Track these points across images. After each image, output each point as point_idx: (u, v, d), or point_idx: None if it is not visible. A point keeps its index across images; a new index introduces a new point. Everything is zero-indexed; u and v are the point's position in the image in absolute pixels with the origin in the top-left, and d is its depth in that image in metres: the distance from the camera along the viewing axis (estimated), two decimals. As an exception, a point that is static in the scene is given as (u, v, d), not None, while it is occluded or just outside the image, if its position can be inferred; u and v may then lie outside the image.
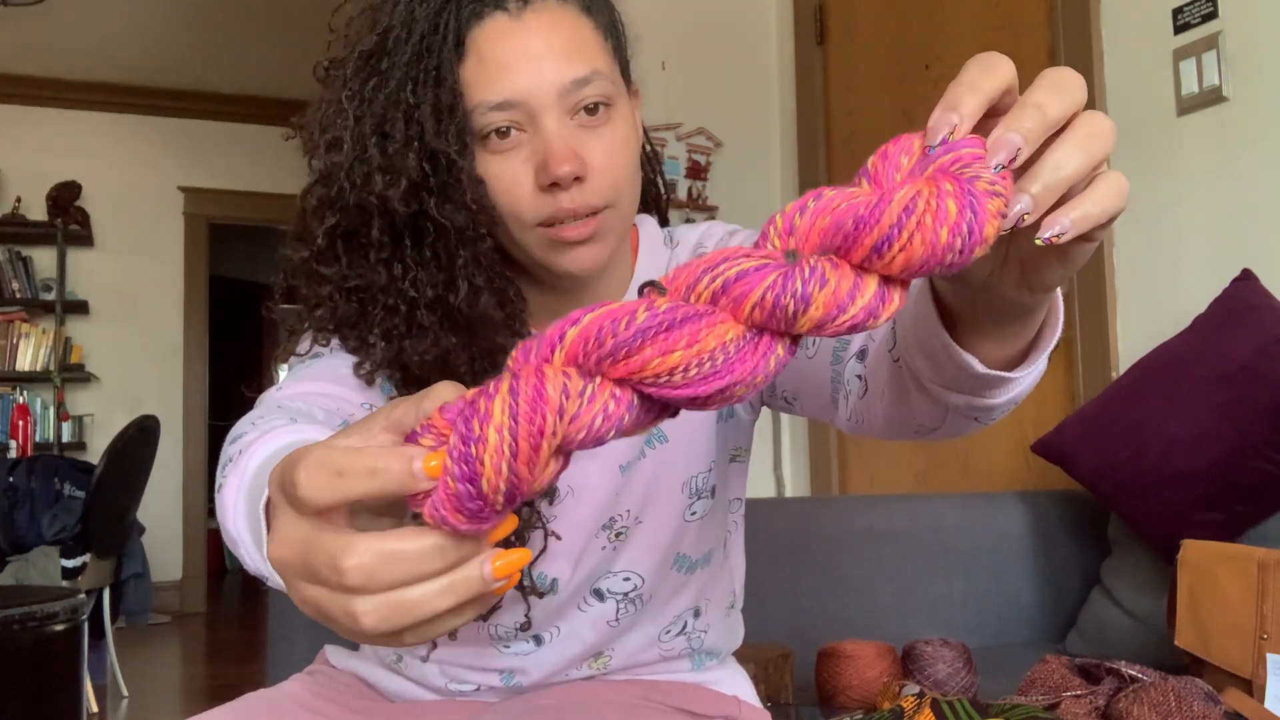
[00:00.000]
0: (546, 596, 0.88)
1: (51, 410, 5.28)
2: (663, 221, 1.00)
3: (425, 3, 0.78)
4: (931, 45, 2.54)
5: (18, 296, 5.30)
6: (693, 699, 0.93)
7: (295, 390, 0.78)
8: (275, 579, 0.54)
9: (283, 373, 0.85)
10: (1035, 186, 0.42)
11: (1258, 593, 1.21)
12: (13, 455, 4.94)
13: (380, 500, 0.41)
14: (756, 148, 2.98)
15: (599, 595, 0.91)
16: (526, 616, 0.88)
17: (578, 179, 0.77)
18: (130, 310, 5.63)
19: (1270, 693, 1.16)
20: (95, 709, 3.36)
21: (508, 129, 0.78)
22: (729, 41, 2.98)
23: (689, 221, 1.01)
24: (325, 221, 0.80)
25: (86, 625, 2.71)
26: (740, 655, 1.06)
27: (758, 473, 2.86)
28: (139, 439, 3.67)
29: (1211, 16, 1.82)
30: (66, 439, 5.27)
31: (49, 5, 4.53)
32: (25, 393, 5.26)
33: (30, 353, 5.27)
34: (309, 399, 0.76)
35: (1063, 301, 0.57)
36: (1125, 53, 2.00)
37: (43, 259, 5.44)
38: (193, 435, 5.73)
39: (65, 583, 3.34)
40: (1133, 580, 1.65)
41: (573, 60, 0.78)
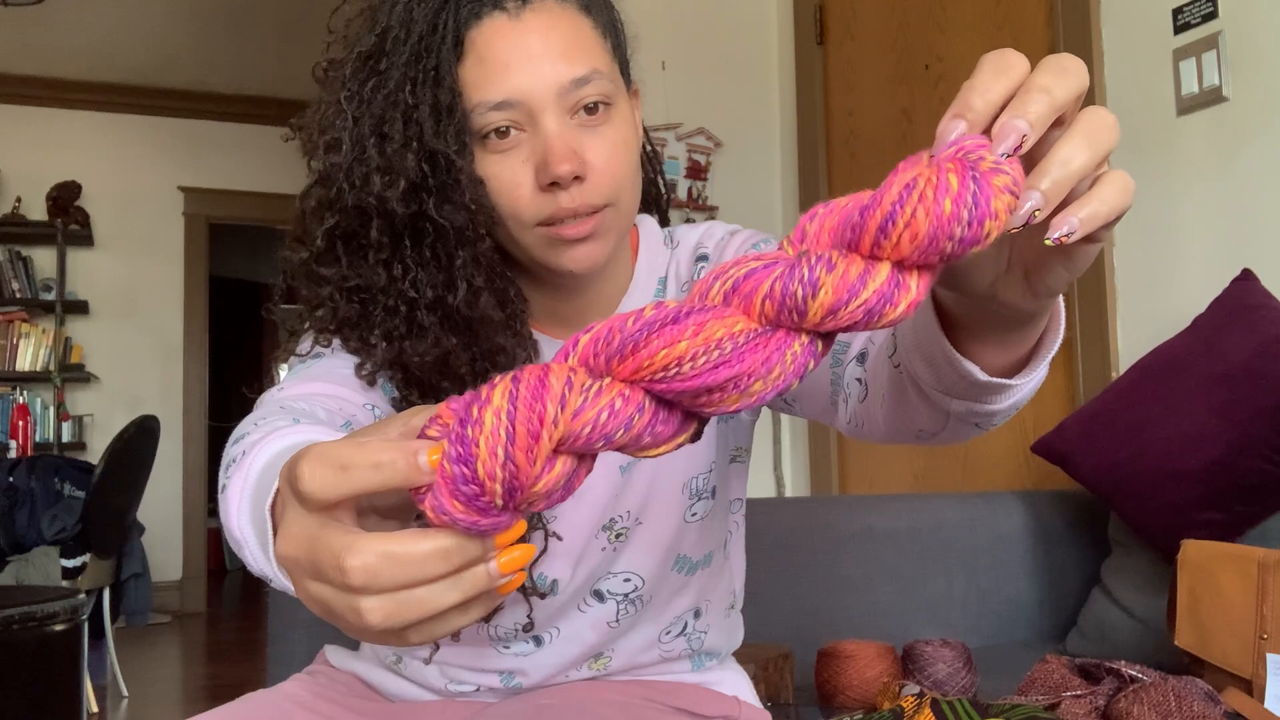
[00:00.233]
0: (547, 598, 0.88)
1: (51, 410, 5.29)
2: (663, 221, 0.99)
3: (424, 3, 0.78)
4: (931, 45, 2.54)
5: (18, 296, 5.30)
6: (693, 699, 0.93)
7: (297, 391, 0.77)
8: (279, 580, 0.54)
9: (283, 372, 0.84)
10: (1045, 183, 0.42)
11: (1258, 593, 1.21)
12: (13, 455, 4.94)
13: (387, 494, 0.41)
14: (756, 148, 2.98)
15: (599, 596, 0.90)
16: (528, 618, 0.88)
17: (577, 178, 0.77)
18: (130, 310, 5.63)
19: (1270, 693, 1.16)
20: (95, 709, 3.36)
21: (507, 129, 0.77)
22: (729, 41, 2.98)
23: (689, 221, 1.01)
24: (324, 222, 0.80)
25: (86, 625, 2.71)
26: (740, 655, 1.06)
27: (758, 473, 2.86)
28: (139, 439, 3.67)
29: (1211, 16, 1.82)
30: (66, 439, 5.28)
31: (49, 5, 4.53)
32: (25, 393, 5.27)
33: (30, 353, 5.28)
34: (311, 399, 0.76)
35: (1064, 309, 0.57)
36: (1125, 53, 2.00)
37: (43, 259, 5.45)
38: (193, 435, 5.73)
39: (65, 583, 3.34)
40: (1133, 580, 1.65)
41: (572, 59, 0.77)
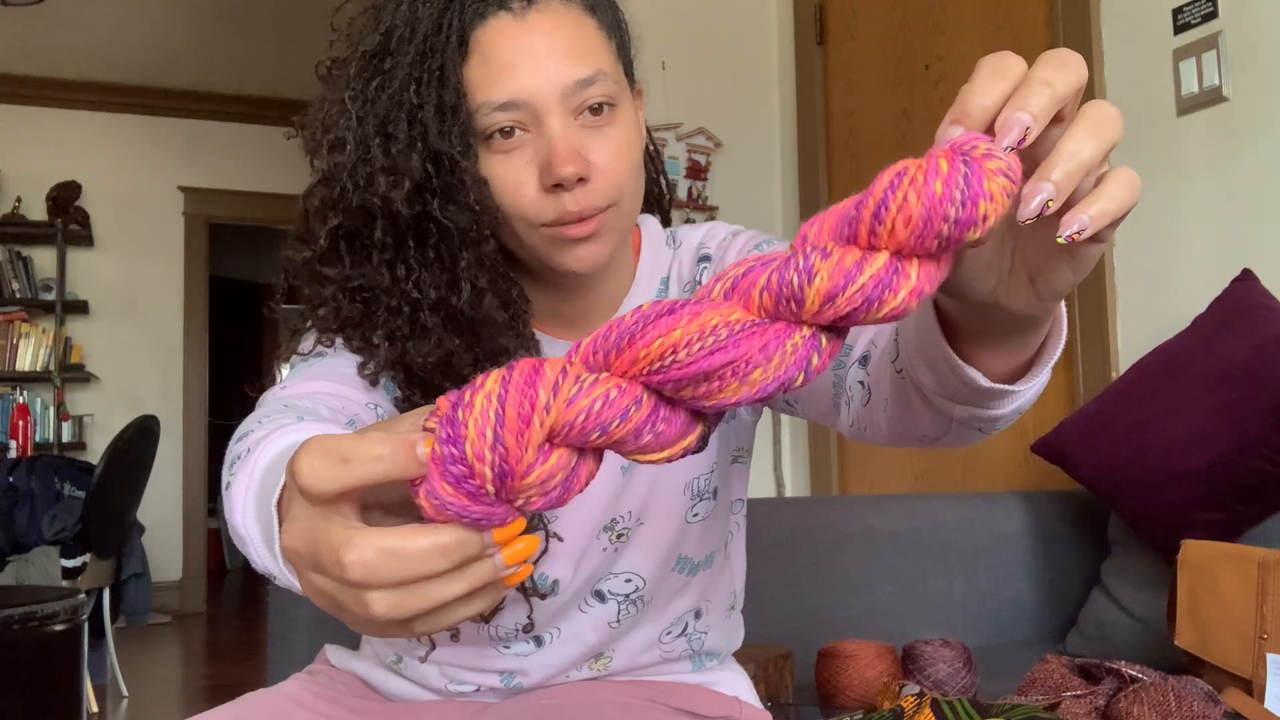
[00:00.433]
0: (548, 598, 0.88)
1: (51, 410, 5.29)
2: (665, 221, 0.99)
3: (429, 2, 0.78)
4: (931, 45, 2.54)
5: (18, 296, 5.30)
6: (693, 699, 0.93)
7: (300, 389, 0.77)
8: (284, 577, 0.54)
9: (285, 372, 0.84)
10: (1056, 174, 0.42)
11: (1258, 593, 1.21)
12: (13, 455, 4.94)
13: (390, 488, 0.41)
14: (756, 148, 2.98)
15: (600, 597, 0.90)
16: (529, 618, 0.88)
17: (581, 179, 0.77)
18: (130, 310, 5.63)
19: (1270, 693, 1.16)
20: (95, 709, 3.36)
21: (511, 129, 0.77)
22: (729, 41, 2.98)
23: (689, 222, 1.01)
24: (328, 222, 0.80)
25: (86, 625, 2.71)
26: (740, 655, 1.06)
27: (758, 473, 2.86)
28: (139, 439, 3.67)
29: (1211, 16, 1.82)
30: (66, 439, 5.28)
31: (49, 5, 4.53)
32: (25, 393, 5.27)
33: (30, 353, 5.28)
34: (314, 398, 0.76)
35: (1065, 315, 0.57)
36: (1125, 53, 2.00)
37: (43, 259, 5.45)
38: (193, 435, 5.73)
39: (65, 583, 3.34)
40: (1133, 580, 1.65)
41: (576, 60, 0.77)
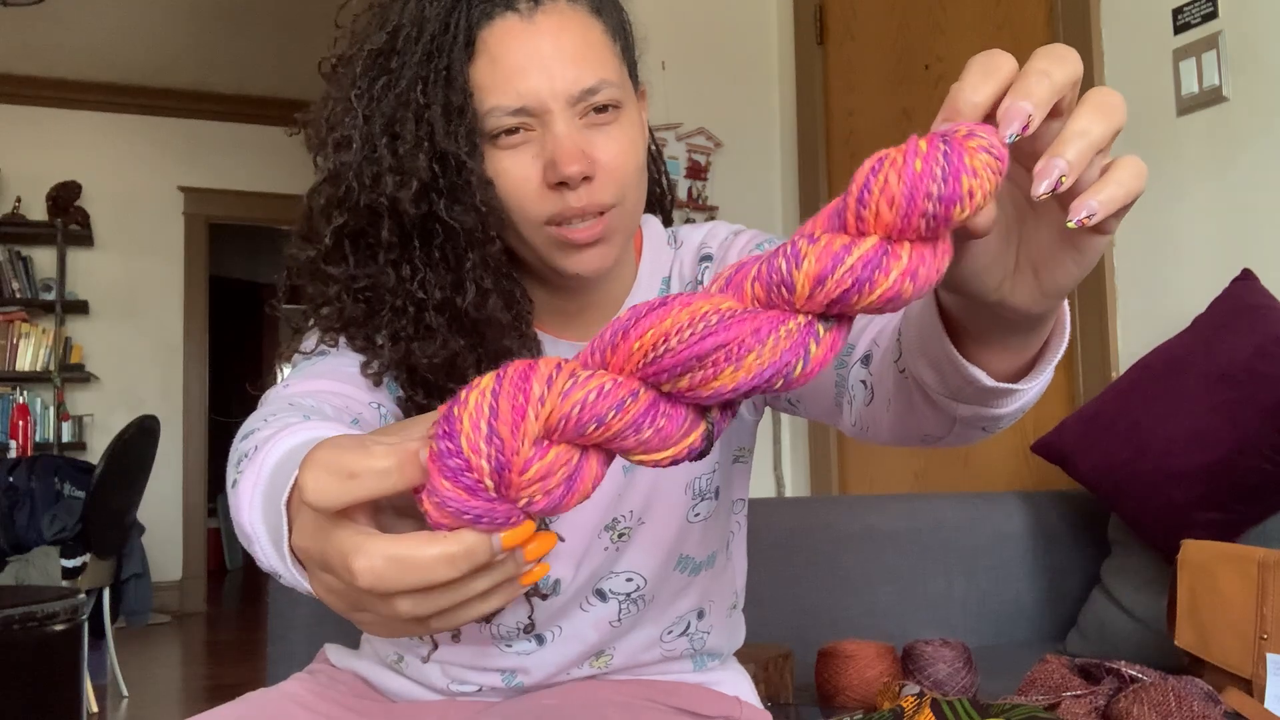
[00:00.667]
0: (549, 598, 0.88)
1: (51, 410, 5.28)
2: (666, 221, 0.99)
3: (436, 1, 0.78)
4: (931, 45, 2.55)
5: (18, 296, 5.30)
6: (694, 699, 0.93)
7: (303, 388, 0.77)
8: (289, 575, 0.54)
9: (287, 371, 0.84)
10: (1069, 151, 0.43)
11: (1258, 593, 1.21)
12: (13, 455, 4.94)
13: (397, 496, 0.41)
14: (756, 148, 2.98)
15: (601, 596, 0.90)
16: (530, 618, 0.88)
17: (586, 178, 0.78)
18: (130, 310, 5.63)
19: (1270, 693, 1.16)
20: (95, 709, 3.36)
21: (515, 127, 0.78)
22: (729, 41, 2.98)
23: (689, 222, 1.01)
24: (333, 221, 0.80)
25: (86, 625, 2.71)
26: (740, 655, 1.06)
27: (758, 473, 2.86)
28: (139, 439, 3.67)
29: (1211, 16, 1.82)
30: (66, 439, 5.27)
31: (49, 5, 4.53)
32: (25, 393, 5.26)
33: (30, 353, 5.27)
34: (318, 396, 0.76)
35: (1068, 312, 0.57)
36: (1125, 53, 2.00)
37: (43, 259, 5.44)
38: (193, 435, 5.72)
39: (65, 583, 3.34)
40: (1133, 580, 1.65)
41: (582, 66, 0.78)
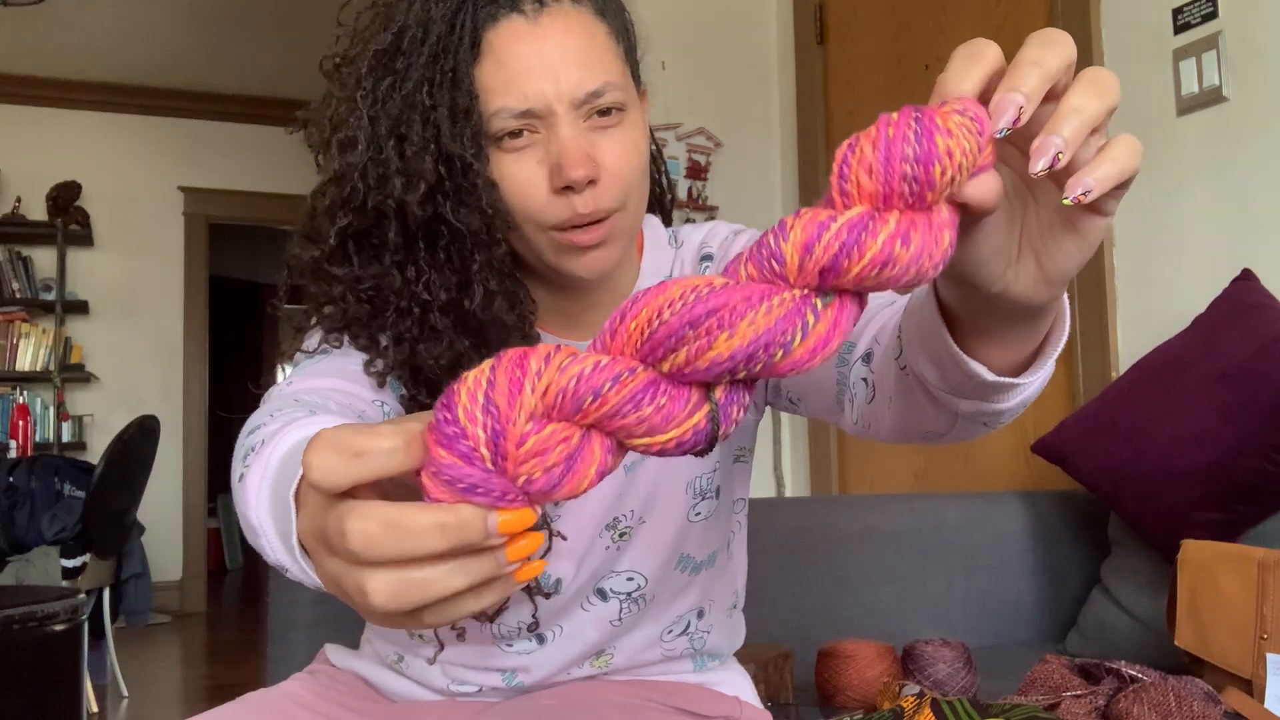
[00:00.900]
0: (551, 597, 0.88)
1: (51, 410, 5.28)
2: (667, 221, 1.00)
3: (441, 2, 0.78)
4: (931, 45, 2.55)
5: (18, 296, 5.30)
6: (694, 699, 0.93)
7: (307, 385, 0.78)
8: (296, 569, 0.54)
9: (289, 370, 0.84)
10: (1066, 129, 0.43)
11: (1258, 593, 1.21)
12: (13, 455, 4.94)
13: (401, 476, 0.41)
14: (756, 148, 2.98)
15: (602, 595, 0.91)
16: (534, 616, 0.88)
17: (591, 182, 0.78)
18: (130, 310, 5.63)
19: (1270, 693, 1.16)
20: (95, 709, 3.36)
21: (520, 130, 0.78)
22: (729, 41, 2.98)
23: (689, 221, 1.01)
24: (338, 222, 0.80)
25: (86, 625, 2.71)
26: (740, 655, 1.06)
27: (758, 473, 2.86)
28: (139, 439, 3.67)
29: (1211, 16, 1.82)
30: (66, 439, 5.27)
31: (49, 5, 4.53)
32: (25, 393, 5.26)
33: (30, 353, 5.27)
34: (323, 394, 0.76)
35: (1068, 305, 0.57)
36: (1125, 53, 2.00)
37: (43, 259, 5.44)
38: (193, 435, 5.72)
39: (65, 583, 3.34)
40: (1133, 580, 1.66)
41: (586, 69, 0.78)
